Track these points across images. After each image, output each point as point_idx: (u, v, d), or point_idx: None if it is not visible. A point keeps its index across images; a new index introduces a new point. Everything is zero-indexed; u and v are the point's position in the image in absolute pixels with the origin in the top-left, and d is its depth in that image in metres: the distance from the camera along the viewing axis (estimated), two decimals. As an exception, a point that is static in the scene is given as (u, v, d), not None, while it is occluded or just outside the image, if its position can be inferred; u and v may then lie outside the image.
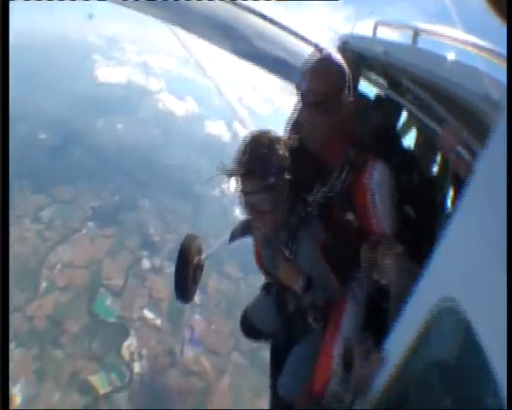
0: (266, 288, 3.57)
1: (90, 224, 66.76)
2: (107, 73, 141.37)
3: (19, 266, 55.44)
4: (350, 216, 2.51)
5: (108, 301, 55.41)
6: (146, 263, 63.33)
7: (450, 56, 2.46)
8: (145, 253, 64.84)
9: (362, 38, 4.13)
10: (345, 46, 4.26)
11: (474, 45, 2.40)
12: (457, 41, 2.63)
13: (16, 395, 42.89)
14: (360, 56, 4.01)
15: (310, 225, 2.56)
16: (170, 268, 62.20)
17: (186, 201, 76.88)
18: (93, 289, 56.39)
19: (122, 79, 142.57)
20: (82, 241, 63.37)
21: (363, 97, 3.34)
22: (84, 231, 65.26)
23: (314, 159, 2.64)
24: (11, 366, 43.79)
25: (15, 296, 52.00)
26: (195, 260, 5.20)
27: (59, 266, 58.19)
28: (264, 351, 59.23)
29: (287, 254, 2.63)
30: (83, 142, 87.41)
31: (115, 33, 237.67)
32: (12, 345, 46.64)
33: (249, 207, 2.63)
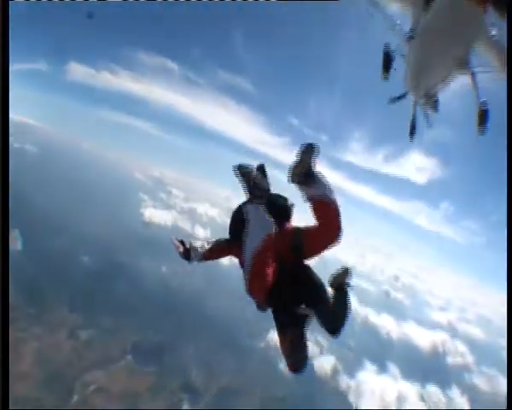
0: None
1: (129, 357, 73.90)
2: (154, 214, 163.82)
3: (51, 371, 63.64)
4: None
5: None
6: (186, 407, 68.79)
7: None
8: (186, 396, 70.40)
9: None
10: None
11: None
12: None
13: None
14: None
15: None
16: None
17: (231, 350, 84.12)
18: None
19: (168, 222, 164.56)
20: (120, 372, 70.03)
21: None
22: (122, 363, 72.13)
23: None
24: None
25: (44, 396, 59.47)
26: None
27: (93, 387, 64.61)
28: None
29: None
30: (126, 275, 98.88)
31: (162, 175, 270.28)
32: None
33: None
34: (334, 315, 5.46)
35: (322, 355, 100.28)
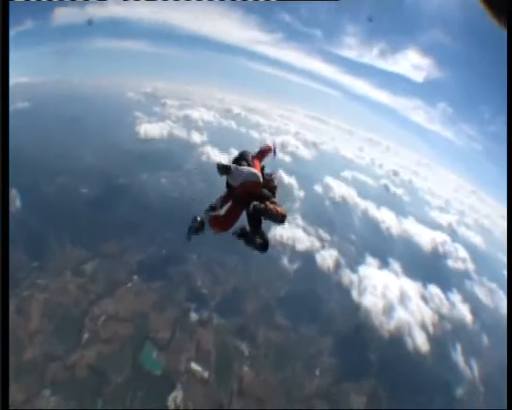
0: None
1: (135, 277, 71.90)
2: (149, 129, 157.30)
3: (59, 317, 61.07)
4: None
5: (155, 354, 58.87)
6: (194, 316, 67.28)
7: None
8: (193, 305, 69.05)
9: None
10: None
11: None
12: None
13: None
14: None
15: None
16: (218, 320, 68.00)
17: (234, 252, 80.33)
18: (138, 341, 59.97)
19: (164, 133, 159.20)
20: (127, 294, 68.02)
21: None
22: (129, 285, 70.25)
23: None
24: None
25: (55, 346, 56.63)
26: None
27: (103, 318, 62.52)
28: (314, 401, 60.12)
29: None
30: (126, 196, 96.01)
31: (155, 89, 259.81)
32: (47, 392, 51.17)
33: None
34: (273, 217, 8.64)
35: (324, 250, 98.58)
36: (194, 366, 59.22)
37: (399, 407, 62.92)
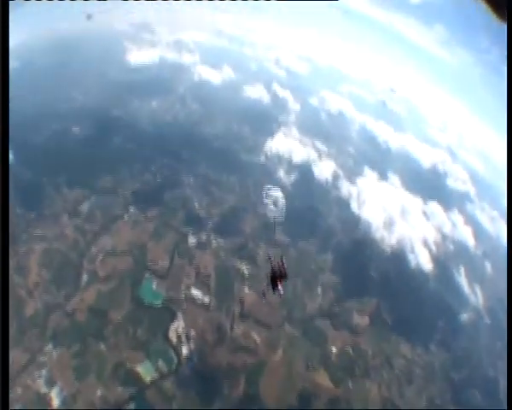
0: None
1: (131, 209, 66.50)
2: (139, 56, 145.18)
3: (58, 264, 56.15)
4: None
5: (154, 285, 54.62)
6: (192, 240, 62.80)
7: None
8: (190, 229, 64.42)
9: None
10: None
11: None
12: None
13: (53, 398, 42.89)
14: None
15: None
16: (217, 241, 63.31)
17: (231, 171, 77.49)
18: (137, 274, 55.70)
19: (154, 58, 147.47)
20: (124, 227, 63.01)
21: None
22: (125, 218, 64.97)
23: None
24: (49, 367, 44.98)
25: (53, 295, 52.16)
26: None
27: (100, 256, 57.66)
28: (316, 320, 56.33)
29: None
30: (119, 128, 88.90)
31: (144, 18, 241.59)
32: (49, 346, 46.89)
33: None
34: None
35: (321, 161, 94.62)
36: (195, 292, 55.20)
37: (403, 328, 61.01)
